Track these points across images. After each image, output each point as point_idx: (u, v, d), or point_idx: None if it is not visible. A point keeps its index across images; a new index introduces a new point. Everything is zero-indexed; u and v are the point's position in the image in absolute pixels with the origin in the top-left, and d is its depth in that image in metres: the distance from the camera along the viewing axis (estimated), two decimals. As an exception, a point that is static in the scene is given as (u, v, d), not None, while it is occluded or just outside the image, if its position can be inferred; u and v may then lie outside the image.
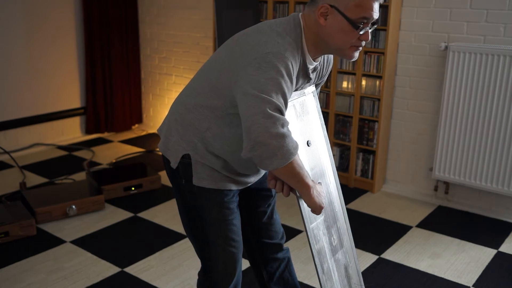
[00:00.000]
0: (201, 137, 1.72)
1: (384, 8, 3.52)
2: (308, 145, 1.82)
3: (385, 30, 3.57)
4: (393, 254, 3.02)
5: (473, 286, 2.72)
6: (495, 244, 3.14)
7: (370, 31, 1.64)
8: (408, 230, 3.30)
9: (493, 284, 2.74)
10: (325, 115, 3.94)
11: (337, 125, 3.95)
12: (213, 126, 1.71)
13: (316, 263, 1.77)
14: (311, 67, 1.72)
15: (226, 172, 1.77)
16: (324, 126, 1.97)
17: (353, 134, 3.85)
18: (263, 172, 1.90)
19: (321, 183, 1.85)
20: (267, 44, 1.58)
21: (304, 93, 1.85)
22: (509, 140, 3.23)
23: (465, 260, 2.96)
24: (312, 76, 1.77)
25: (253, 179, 1.88)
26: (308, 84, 1.83)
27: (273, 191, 2.04)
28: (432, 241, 3.18)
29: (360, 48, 1.68)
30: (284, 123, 1.53)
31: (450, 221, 3.43)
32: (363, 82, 3.75)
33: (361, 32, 1.61)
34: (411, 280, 2.76)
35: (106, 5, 4.84)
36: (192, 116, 1.73)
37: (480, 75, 3.26)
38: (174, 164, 1.78)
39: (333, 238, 1.89)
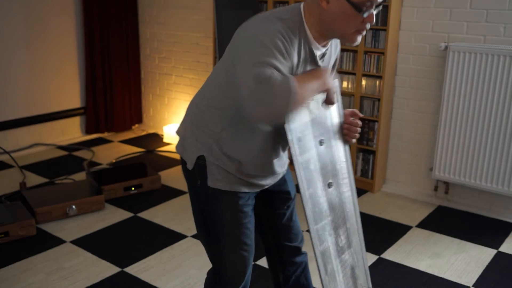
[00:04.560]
0: (216, 138, 1.72)
1: (384, 8, 3.52)
2: (320, 144, 1.78)
3: (385, 30, 3.57)
4: (393, 254, 3.02)
5: (473, 286, 2.72)
6: (495, 244, 3.14)
7: (374, 13, 1.58)
8: (408, 230, 3.30)
9: (493, 284, 2.74)
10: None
11: (337, 125, 3.94)
12: (227, 127, 1.71)
13: (319, 264, 1.75)
14: (318, 53, 1.69)
15: (240, 175, 1.76)
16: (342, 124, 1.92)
17: (353, 134, 3.84)
18: (279, 175, 1.89)
19: (332, 183, 1.82)
20: (256, 29, 1.57)
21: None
22: (509, 140, 3.23)
23: (465, 260, 2.96)
24: (322, 62, 1.73)
25: (269, 181, 1.86)
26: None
27: (292, 193, 2.01)
28: (432, 241, 3.18)
29: (364, 32, 1.63)
30: (266, 70, 1.47)
31: (450, 221, 3.43)
32: (363, 82, 3.75)
33: (364, 15, 1.55)
34: (411, 280, 2.76)
35: (106, 5, 4.84)
36: (206, 118, 1.73)
37: (480, 75, 3.26)
38: (190, 165, 1.78)
39: (341, 239, 1.87)
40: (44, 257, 2.94)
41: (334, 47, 1.83)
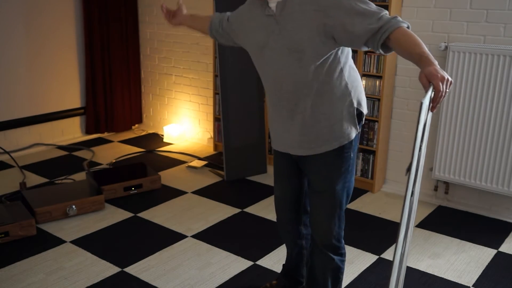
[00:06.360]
0: None
1: (384, 8, 3.52)
2: (419, 150, 1.69)
3: (385, 30, 3.56)
4: (393, 254, 3.02)
5: (473, 286, 2.72)
6: (495, 244, 3.14)
7: None
8: (408, 230, 3.30)
9: (493, 284, 2.74)
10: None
11: (337, 125, 3.94)
12: None
13: (392, 275, 1.71)
14: (272, 3, 1.98)
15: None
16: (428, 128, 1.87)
17: (353, 134, 3.85)
18: (291, 146, 2.14)
19: (414, 191, 1.73)
20: None
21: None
22: (509, 140, 3.23)
23: (465, 260, 2.96)
24: (280, 11, 1.95)
25: (280, 146, 2.19)
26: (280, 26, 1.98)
27: (313, 185, 2.19)
28: (432, 241, 3.18)
29: None
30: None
31: (450, 221, 3.43)
32: (363, 82, 3.75)
33: None
34: (411, 280, 2.76)
35: (106, 5, 4.84)
36: None
37: (480, 75, 3.26)
38: None
39: (404, 249, 1.84)
40: (44, 257, 2.94)
41: (309, 3, 1.91)
